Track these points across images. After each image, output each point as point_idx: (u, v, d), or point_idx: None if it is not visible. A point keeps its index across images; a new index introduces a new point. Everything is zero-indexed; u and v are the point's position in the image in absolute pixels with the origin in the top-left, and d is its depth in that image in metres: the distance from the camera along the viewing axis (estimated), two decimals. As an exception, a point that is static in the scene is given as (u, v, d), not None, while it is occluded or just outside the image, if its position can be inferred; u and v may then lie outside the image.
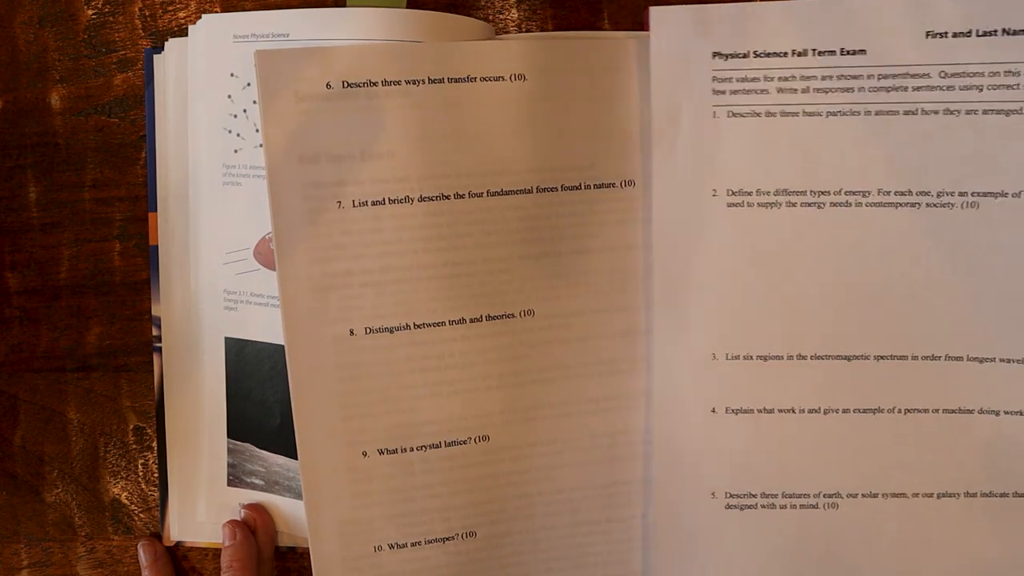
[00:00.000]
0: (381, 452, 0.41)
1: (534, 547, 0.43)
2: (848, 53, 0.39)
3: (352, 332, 0.40)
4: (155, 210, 0.45)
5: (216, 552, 0.45)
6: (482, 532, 0.42)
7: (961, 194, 0.39)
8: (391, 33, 0.40)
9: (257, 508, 0.44)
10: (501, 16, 0.44)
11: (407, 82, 0.40)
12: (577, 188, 0.42)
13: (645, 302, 0.42)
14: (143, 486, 0.46)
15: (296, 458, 0.43)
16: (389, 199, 0.40)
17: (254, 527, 0.43)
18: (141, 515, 0.46)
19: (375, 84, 0.40)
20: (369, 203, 0.40)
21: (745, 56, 0.39)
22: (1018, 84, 0.38)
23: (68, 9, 0.45)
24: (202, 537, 0.45)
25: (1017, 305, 0.40)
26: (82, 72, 0.45)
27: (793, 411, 0.41)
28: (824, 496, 0.42)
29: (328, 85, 0.39)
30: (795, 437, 0.42)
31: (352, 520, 0.41)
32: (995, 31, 0.38)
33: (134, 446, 0.46)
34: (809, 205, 0.40)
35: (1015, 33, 0.38)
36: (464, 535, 0.42)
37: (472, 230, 0.41)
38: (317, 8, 0.42)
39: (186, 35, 0.44)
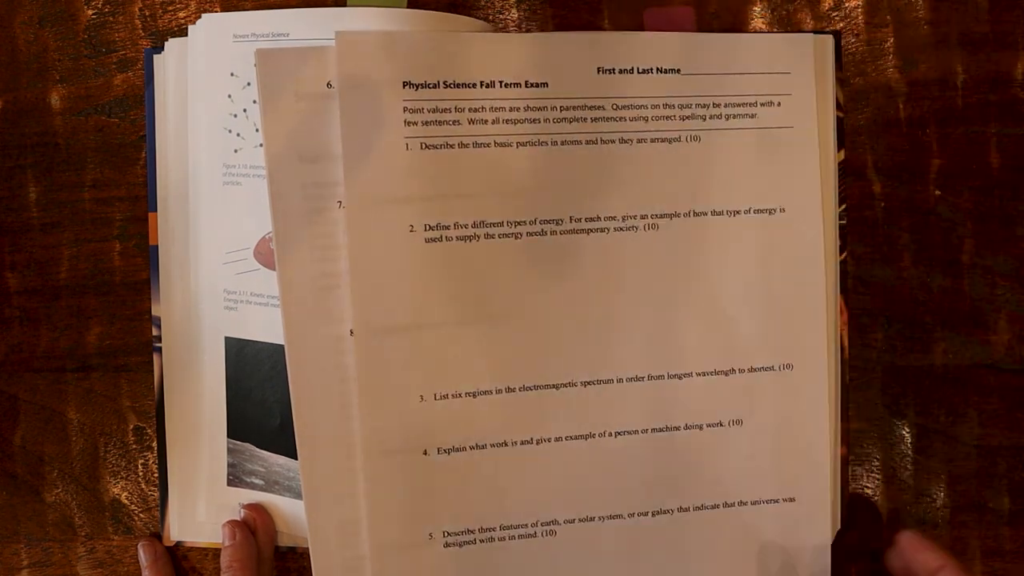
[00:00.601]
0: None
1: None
2: (532, 85, 0.41)
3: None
4: (155, 210, 0.45)
5: (216, 552, 0.45)
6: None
7: (642, 217, 0.42)
8: (391, 33, 0.40)
9: (257, 508, 0.44)
10: (501, 16, 0.44)
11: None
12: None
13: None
14: (143, 486, 0.46)
15: (296, 458, 0.43)
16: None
17: (254, 527, 0.43)
18: (141, 515, 0.46)
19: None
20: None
21: (435, 87, 0.40)
22: (674, 115, 0.42)
23: (68, 9, 0.45)
24: (202, 537, 0.45)
25: (708, 318, 0.42)
26: (82, 72, 0.45)
27: (506, 444, 0.41)
28: (542, 524, 0.42)
29: (328, 84, 0.39)
30: (510, 470, 0.41)
31: (352, 521, 0.41)
32: (651, 69, 0.41)
33: (134, 446, 0.46)
34: (507, 236, 0.41)
35: (667, 71, 0.41)
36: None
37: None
38: (317, 8, 0.42)
39: (186, 35, 0.44)
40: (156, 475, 0.46)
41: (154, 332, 0.45)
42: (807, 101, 0.43)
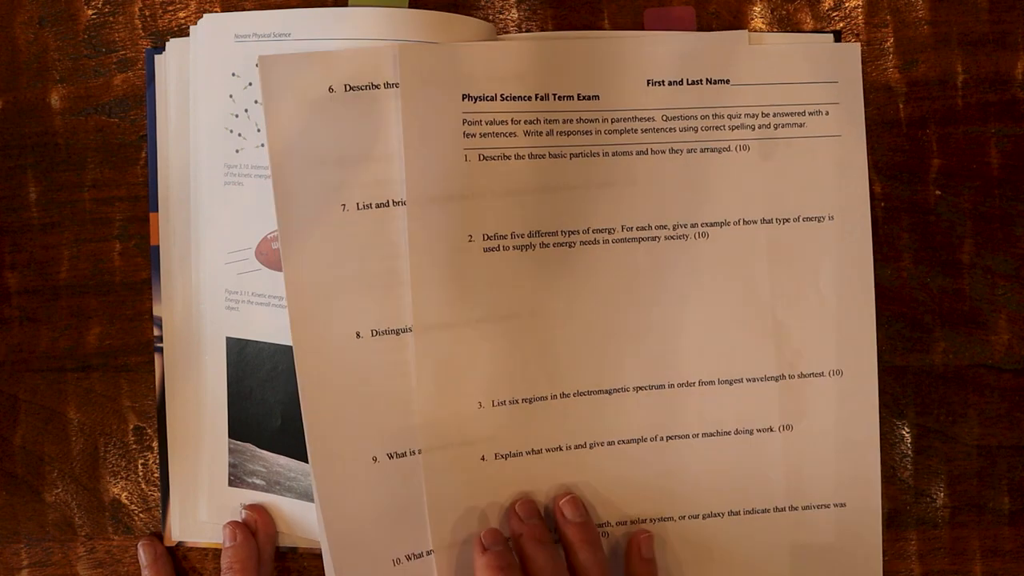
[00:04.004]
0: (390, 456, 0.41)
1: None
2: (584, 98, 0.42)
3: (359, 335, 0.40)
4: (156, 210, 0.44)
5: (216, 552, 0.45)
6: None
7: (692, 225, 0.42)
8: (392, 33, 0.40)
9: (258, 509, 0.44)
10: (501, 16, 0.44)
11: None
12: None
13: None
14: (143, 486, 0.46)
15: (297, 458, 0.43)
16: (393, 201, 0.40)
17: (255, 528, 0.43)
18: (141, 515, 0.46)
19: (377, 87, 0.40)
20: (373, 205, 0.40)
21: (493, 99, 0.41)
22: (723, 125, 0.42)
23: (68, 9, 0.45)
24: (203, 537, 0.45)
25: (759, 325, 0.43)
26: (82, 72, 0.45)
27: (561, 448, 0.42)
28: (599, 528, 0.43)
29: (331, 88, 0.39)
30: (565, 475, 0.43)
31: (369, 522, 0.41)
32: (700, 80, 0.42)
33: (134, 446, 0.46)
34: (561, 245, 0.42)
35: (716, 82, 0.42)
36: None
37: None
38: (318, 8, 0.42)
39: (186, 35, 0.44)
40: (156, 475, 0.46)
41: (155, 332, 0.45)
42: (855, 109, 0.43)
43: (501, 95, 0.41)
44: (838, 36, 0.44)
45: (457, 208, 0.40)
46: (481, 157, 0.41)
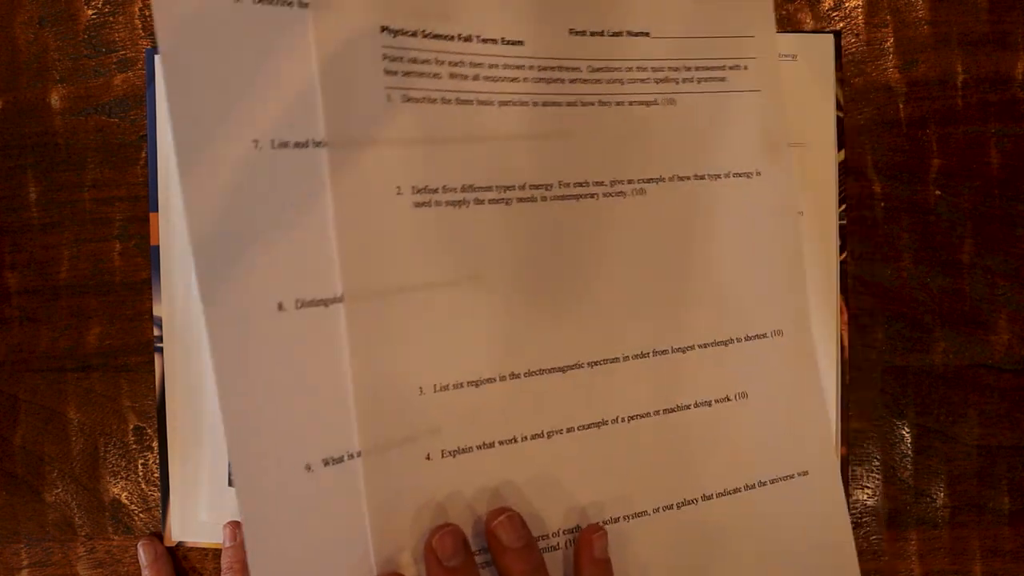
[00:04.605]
0: (326, 463, 0.34)
1: None
2: (508, 43, 0.38)
3: (281, 306, 0.33)
4: (156, 210, 0.44)
5: (216, 552, 0.45)
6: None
7: (629, 181, 0.40)
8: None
9: (258, 508, 0.44)
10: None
11: None
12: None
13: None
14: (143, 486, 0.46)
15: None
16: (313, 141, 0.34)
17: (255, 527, 0.43)
18: (141, 515, 0.46)
19: (289, 4, 0.34)
20: (291, 144, 0.33)
21: (414, 35, 0.36)
22: (648, 79, 0.40)
23: (68, 9, 0.45)
24: (203, 537, 0.45)
25: (701, 286, 0.40)
26: (82, 72, 0.45)
27: (516, 440, 0.37)
28: (564, 533, 0.38)
29: None
30: (520, 468, 0.37)
31: (305, 555, 0.34)
32: (620, 32, 0.40)
33: (134, 446, 0.46)
34: (496, 202, 0.37)
35: (636, 34, 0.40)
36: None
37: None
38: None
39: (186, 35, 0.44)
40: (156, 475, 0.46)
41: (155, 332, 0.45)
42: (771, 64, 0.42)
43: (423, 31, 0.36)
44: (838, 36, 0.44)
45: (382, 155, 0.35)
46: (405, 98, 0.35)
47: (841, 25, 0.44)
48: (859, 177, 0.44)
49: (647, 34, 0.40)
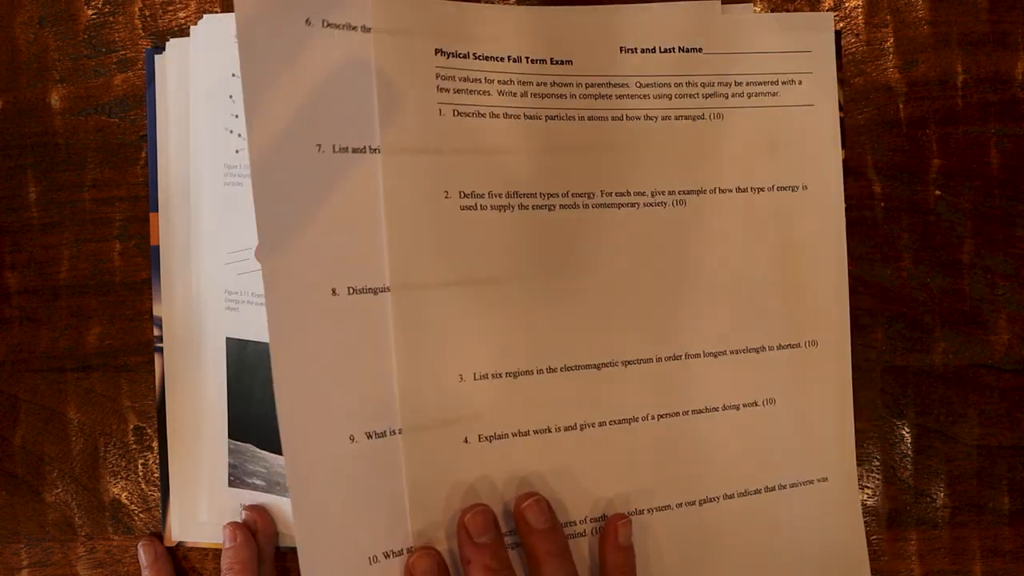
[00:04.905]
0: (369, 436, 0.38)
1: None
2: (557, 63, 0.41)
3: (335, 291, 0.37)
4: (156, 210, 0.44)
5: (216, 552, 0.45)
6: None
7: (670, 193, 0.42)
8: None
9: (258, 510, 0.44)
10: None
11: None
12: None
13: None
14: (143, 486, 0.46)
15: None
16: (370, 148, 0.38)
17: (255, 529, 0.43)
18: (141, 515, 0.46)
19: (354, 28, 0.38)
20: (350, 149, 0.38)
21: (466, 56, 0.40)
22: (697, 94, 0.42)
23: (68, 9, 0.45)
24: (203, 538, 0.45)
25: (735, 296, 0.42)
26: (82, 72, 0.45)
27: (550, 430, 0.40)
28: (589, 521, 0.41)
29: (308, 21, 0.37)
30: (553, 458, 0.40)
31: (342, 516, 0.37)
32: (673, 48, 0.42)
33: (134, 446, 0.46)
34: (540, 208, 0.40)
35: (688, 51, 0.42)
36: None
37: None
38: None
39: (186, 35, 0.44)
40: (156, 475, 0.46)
41: (155, 332, 0.45)
42: (828, 79, 0.43)
43: (474, 53, 0.40)
44: (838, 36, 0.44)
45: (432, 162, 0.39)
46: (455, 112, 0.39)
47: (841, 25, 0.44)
48: (859, 177, 0.44)
49: (699, 50, 0.42)
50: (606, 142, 0.41)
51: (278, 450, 0.43)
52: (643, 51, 0.42)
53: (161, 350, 0.45)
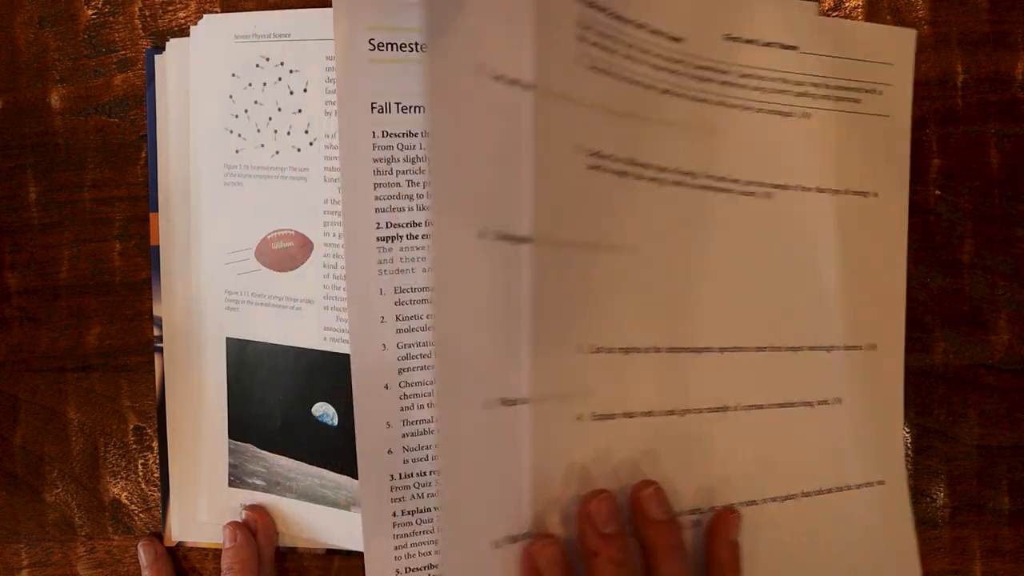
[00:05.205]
0: (503, 403, 0.34)
1: None
2: (672, 39, 0.40)
3: (482, 235, 0.33)
4: (156, 210, 0.44)
5: (217, 552, 0.45)
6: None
7: (760, 184, 0.42)
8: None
9: (258, 510, 0.44)
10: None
11: None
12: None
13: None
14: (143, 486, 0.46)
15: (297, 458, 0.43)
16: (522, 83, 0.35)
17: (255, 529, 0.43)
18: (141, 515, 0.46)
19: None
20: (506, 79, 0.35)
21: (603, 10, 0.37)
22: (789, 90, 0.42)
23: (68, 9, 0.45)
24: (203, 538, 0.45)
25: (811, 293, 0.42)
26: (82, 72, 0.45)
27: (653, 413, 0.39)
28: (692, 512, 0.39)
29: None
30: (659, 444, 0.39)
31: (477, 492, 0.34)
32: (773, 43, 0.42)
33: (134, 446, 0.46)
34: (653, 180, 0.39)
35: (786, 47, 0.42)
36: None
37: None
38: (317, 8, 0.42)
39: (186, 35, 0.44)
40: (156, 475, 0.46)
41: (155, 332, 0.45)
42: (905, 93, 0.44)
43: (609, 11, 0.38)
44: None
45: (571, 112, 0.37)
46: (590, 66, 0.37)
47: (841, 25, 0.44)
48: (859, 177, 0.44)
49: (795, 48, 0.42)
50: (709, 125, 0.41)
51: (278, 450, 0.43)
52: (746, 41, 0.42)
53: (161, 350, 0.45)
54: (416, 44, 0.41)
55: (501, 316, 0.34)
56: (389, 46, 0.40)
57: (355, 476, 0.41)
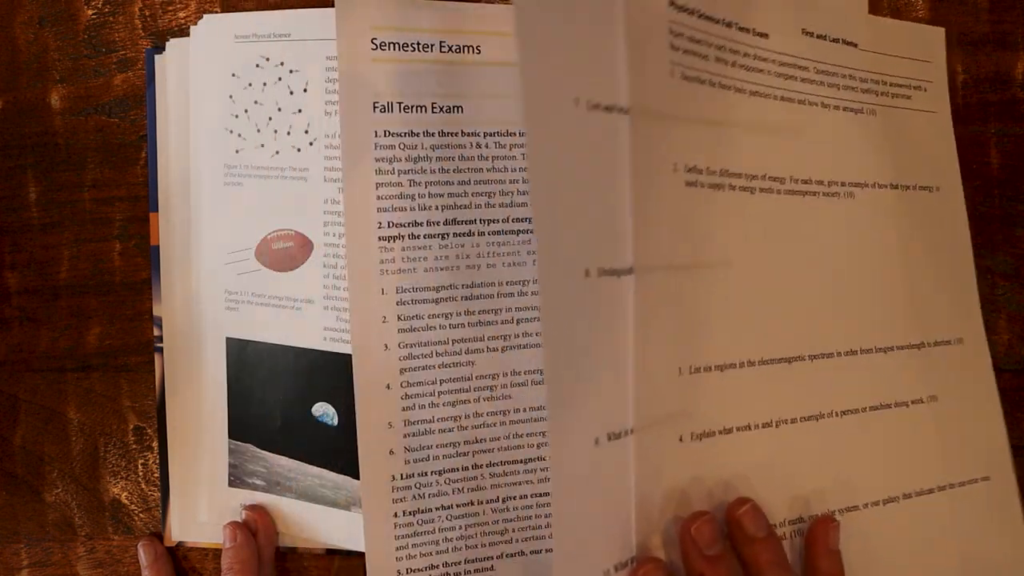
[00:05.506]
0: (610, 438, 0.33)
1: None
2: (758, 34, 0.39)
3: (588, 273, 0.32)
4: (156, 210, 0.44)
5: (217, 552, 0.45)
6: None
7: (842, 184, 0.41)
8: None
9: (258, 510, 0.44)
10: (502, 16, 0.44)
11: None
12: None
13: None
14: (143, 486, 0.46)
15: (297, 458, 0.43)
16: (619, 108, 0.34)
17: (255, 529, 0.43)
18: (141, 515, 0.46)
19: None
20: (602, 107, 0.34)
21: (692, 13, 0.36)
22: (855, 87, 0.42)
23: (68, 9, 0.45)
24: (203, 537, 0.45)
25: (895, 289, 0.42)
26: (82, 72, 0.45)
27: (749, 428, 0.38)
28: (788, 523, 0.39)
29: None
30: (753, 458, 0.38)
31: (589, 523, 0.34)
32: (838, 39, 0.42)
33: (134, 446, 0.46)
34: (744, 190, 0.39)
35: (848, 43, 0.42)
36: None
37: None
38: (317, 8, 0.42)
39: (186, 35, 0.44)
40: (156, 475, 0.46)
41: (155, 332, 0.45)
42: (943, 89, 0.44)
43: (699, 12, 0.37)
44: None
45: (667, 130, 0.35)
46: (684, 75, 0.36)
47: (841, 25, 0.44)
48: (859, 177, 0.44)
49: (856, 44, 0.42)
50: (795, 126, 0.40)
51: (278, 450, 0.43)
52: (818, 36, 0.41)
53: (161, 350, 0.45)
54: (418, 44, 0.40)
55: (607, 351, 0.33)
56: (391, 45, 0.40)
57: (355, 476, 0.41)
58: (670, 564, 0.35)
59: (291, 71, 0.42)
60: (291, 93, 0.42)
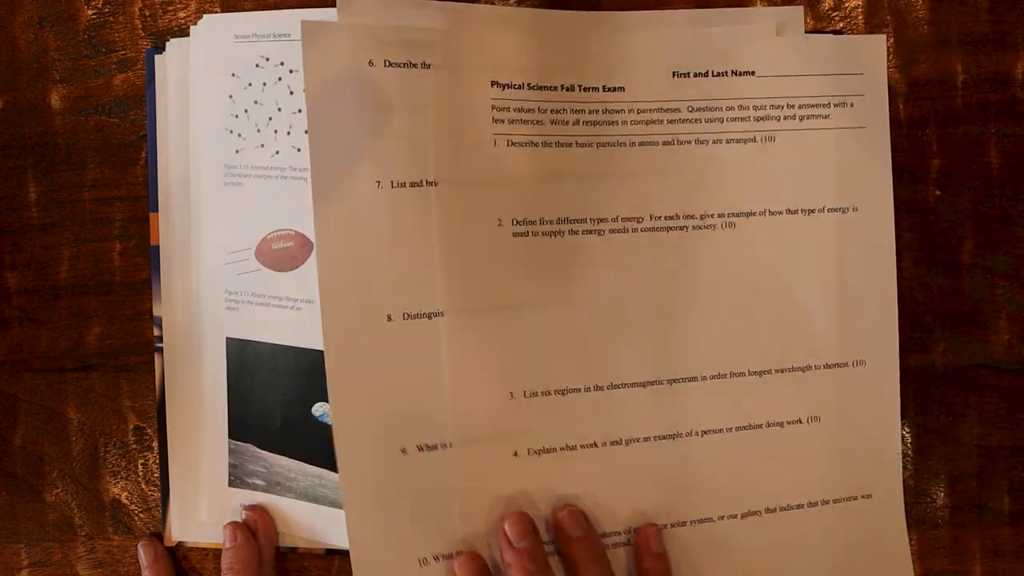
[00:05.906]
0: (420, 448, 0.40)
1: None
2: (610, 90, 0.42)
3: (390, 317, 0.39)
4: (156, 210, 0.44)
5: (217, 552, 0.45)
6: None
7: (720, 215, 0.42)
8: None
9: (258, 510, 0.44)
10: None
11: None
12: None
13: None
14: (143, 486, 0.46)
15: (297, 458, 0.43)
16: (427, 181, 0.40)
17: (255, 529, 0.43)
18: (141, 515, 0.46)
19: (415, 66, 0.40)
20: (407, 184, 0.40)
21: (520, 88, 0.41)
22: (749, 116, 0.43)
23: (68, 9, 0.45)
24: (203, 538, 0.45)
25: (784, 316, 0.43)
26: (82, 72, 0.45)
27: (596, 445, 0.42)
28: (633, 532, 0.42)
29: (371, 62, 0.39)
30: (599, 471, 0.41)
31: (393, 522, 0.40)
32: (726, 72, 0.42)
33: (134, 446, 0.46)
34: (590, 232, 0.41)
35: (742, 74, 0.42)
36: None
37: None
38: (317, 8, 0.42)
39: (186, 35, 0.44)
40: (156, 475, 0.46)
41: (155, 332, 0.45)
42: (880, 101, 0.43)
43: (528, 84, 0.41)
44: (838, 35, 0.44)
45: (486, 193, 0.40)
46: (509, 143, 0.41)
47: (841, 25, 0.44)
48: (859, 177, 0.44)
49: (752, 73, 0.43)
50: (657, 168, 0.42)
51: (278, 450, 0.43)
52: (695, 75, 0.42)
53: (161, 350, 0.45)
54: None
55: (418, 379, 0.40)
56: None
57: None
58: (494, 560, 0.40)
59: (291, 71, 0.42)
60: (291, 93, 0.42)
